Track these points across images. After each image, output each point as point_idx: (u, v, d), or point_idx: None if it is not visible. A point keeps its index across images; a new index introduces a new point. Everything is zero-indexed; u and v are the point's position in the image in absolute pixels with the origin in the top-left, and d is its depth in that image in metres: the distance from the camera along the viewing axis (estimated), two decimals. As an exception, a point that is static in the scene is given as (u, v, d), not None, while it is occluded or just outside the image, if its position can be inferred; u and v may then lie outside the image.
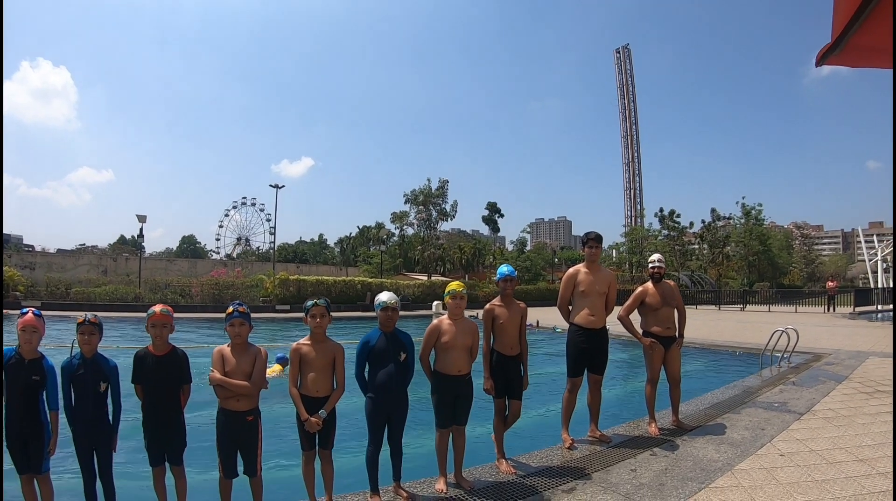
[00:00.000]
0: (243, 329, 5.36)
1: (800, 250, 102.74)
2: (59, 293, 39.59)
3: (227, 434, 5.21)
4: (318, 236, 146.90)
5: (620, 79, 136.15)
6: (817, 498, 5.65)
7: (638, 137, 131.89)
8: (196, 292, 40.58)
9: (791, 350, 14.81)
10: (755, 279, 69.61)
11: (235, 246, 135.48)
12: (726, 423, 8.57)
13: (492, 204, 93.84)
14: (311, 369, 5.43)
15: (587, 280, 7.67)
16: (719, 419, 8.85)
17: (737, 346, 19.21)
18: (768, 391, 11.00)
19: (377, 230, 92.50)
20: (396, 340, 5.74)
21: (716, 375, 14.83)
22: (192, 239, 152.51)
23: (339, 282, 45.21)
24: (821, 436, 7.76)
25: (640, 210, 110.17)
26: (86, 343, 5.17)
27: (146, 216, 46.41)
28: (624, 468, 6.63)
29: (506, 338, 6.73)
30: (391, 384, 5.61)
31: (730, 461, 6.82)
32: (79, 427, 5.12)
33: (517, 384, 6.75)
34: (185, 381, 5.42)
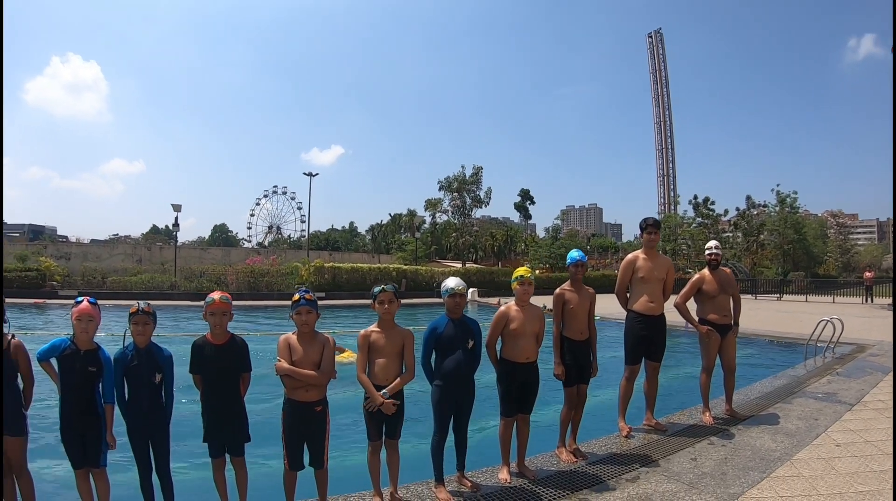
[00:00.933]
0: (311, 317, 5.19)
1: (835, 239, 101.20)
2: (95, 283, 39.52)
3: (294, 426, 5.10)
4: (349, 224, 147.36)
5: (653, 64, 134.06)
6: (878, 489, 5.61)
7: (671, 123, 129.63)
8: (231, 281, 40.42)
9: (836, 341, 14.65)
10: (790, 269, 68.60)
11: (267, 234, 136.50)
12: (779, 413, 8.51)
13: (524, 191, 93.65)
14: (380, 355, 5.36)
15: (646, 266, 7.62)
16: (771, 408, 8.79)
17: (778, 336, 19.03)
18: (816, 381, 10.91)
19: (409, 218, 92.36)
20: (465, 327, 5.65)
21: (761, 365, 14.67)
22: (223, 228, 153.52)
23: (373, 269, 45.01)
24: (875, 427, 7.71)
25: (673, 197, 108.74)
26: (140, 333, 5.05)
27: (181, 205, 46.46)
28: (684, 456, 6.63)
29: (576, 323, 6.69)
30: (459, 371, 5.53)
31: (787, 451, 6.78)
32: (134, 420, 5.03)
33: (587, 370, 6.73)
34: (245, 369, 5.31)
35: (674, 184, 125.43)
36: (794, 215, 72.46)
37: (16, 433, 4.90)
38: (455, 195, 74.42)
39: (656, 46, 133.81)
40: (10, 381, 4.95)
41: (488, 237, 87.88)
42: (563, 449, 6.65)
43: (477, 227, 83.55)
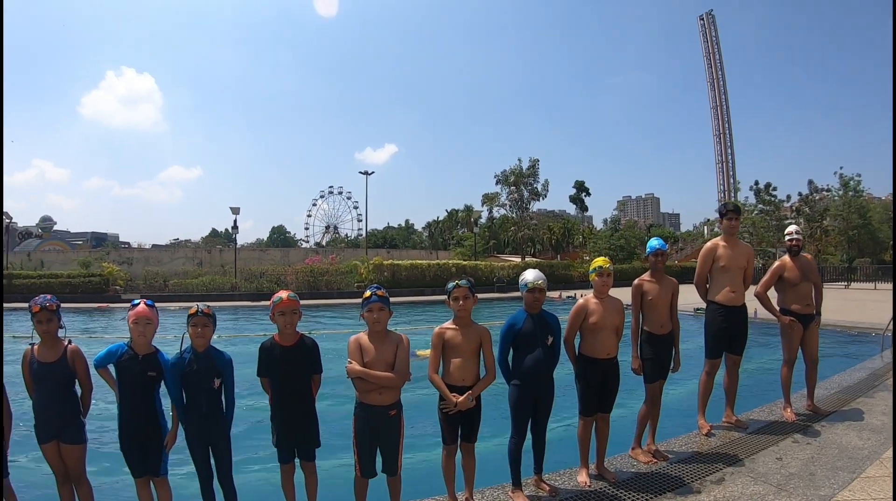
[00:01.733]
0: (383, 315, 4.93)
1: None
2: (157, 286, 40.46)
3: (367, 431, 4.86)
4: (405, 222, 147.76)
5: (706, 47, 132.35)
6: (977, 487, 5.30)
7: (728, 108, 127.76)
8: (291, 280, 40.68)
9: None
10: (855, 255, 66.49)
11: (324, 234, 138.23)
12: (862, 408, 8.18)
13: (579, 183, 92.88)
14: (456, 354, 5.07)
15: (727, 254, 7.27)
16: (853, 403, 8.45)
17: (850, 325, 18.50)
18: (895, 373, 10.48)
19: (465, 213, 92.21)
20: (544, 322, 5.35)
21: (834, 356, 14.21)
22: (281, 229, 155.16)
23: (433, 266, 44.91)
24: (964, 421, 7.31)
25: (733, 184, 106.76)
26: (199, 336, 4.88)
27: (240, 208, 46.88)
28: (769, 455, 6.32)
29: (656, 315, 6.41)
30: (539, 370, 5.23)
31: (875, 448, 6.49)
32: (193, 426, 4.88)
33: (668, 365, 6.44)
34: (315, 371, 5.09)
35: (733, 170, 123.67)
36: (858, 199, 70.05)
37: (75, 441, 4.84)
38: (512, 189, 73.62)
39: (708, 29, 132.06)
40: (69, 388, 4.87)
41: (546, 231, 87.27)
42: (639, 450, 6.39)
43: (535, 221, 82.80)
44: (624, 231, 75.07)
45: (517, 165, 72.35)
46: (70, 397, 4.88)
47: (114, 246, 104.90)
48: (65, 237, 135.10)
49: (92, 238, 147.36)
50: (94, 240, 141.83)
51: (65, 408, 4.82)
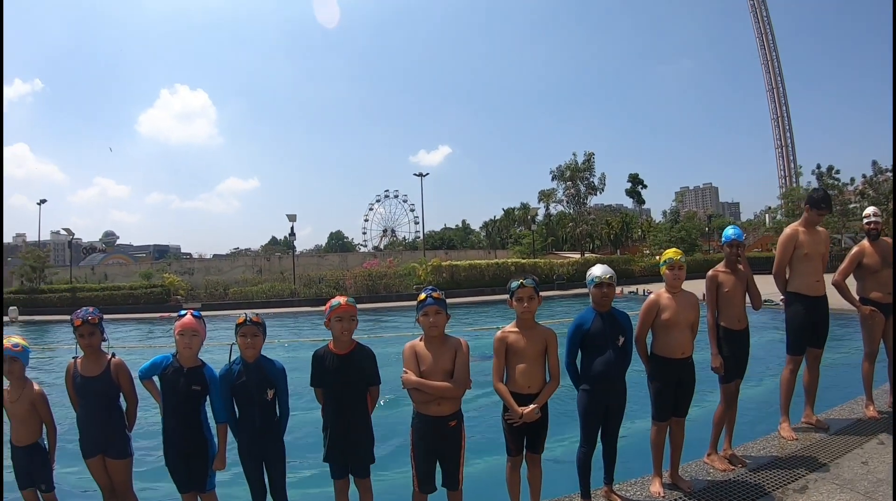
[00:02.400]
0: (439, 318, 4.61)
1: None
2: (217, 294, 41.18)
3: (425, 443, 4.61)
4: (462, 222, 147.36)
5: (757, 28, 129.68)
6: None
7: (784, 89, 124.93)
8: (349, 285, 40.91)
9: None
10: (925, 240, 64.24)
11: (382, 238, 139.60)
12: None
13: (633, 175, 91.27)
14: (520, 360, 4.75)
15: (809, 241, 6.84)
16: None
17: None
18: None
19: (522, 211, 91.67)
20: (614, 321, 5.04)
21: None
22: (339, 234, 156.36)
23: (491, 265, 44.40)
24: None
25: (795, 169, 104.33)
26: (249, 347, 4.64)
27: (296, 215, 47.59)
28: (854, 460, 5.89)
29: (733, 309, 6.04)
30: (610, 372, 4.93)
31: None
32: (245, 440, 4.68)
33: (745, 362, 6.07)
34: (372, 382, 4.80)
35: (793, 154, 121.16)
36: (926, 179, 67.66)
37: (120, 456, 4.80)
38: (568, 184, 72.74)
39: (759, 8, 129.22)
40: (113, 401, 4.80)
41: (604, 226, 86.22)
42: (715, 456, 6.00)
43: (593, 215, 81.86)
44: (684, 223, 73.58)
45: (572, 159, 71.62)
46: (115, 411, 4.80)
47: (175, 257, 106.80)
48: (128, 251, 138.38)
49: (154, 251, 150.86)
50: (157, 252, 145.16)
51: (110, 422, 4.75)
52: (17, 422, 4.75)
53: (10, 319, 35.19)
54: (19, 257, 55.77)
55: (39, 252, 51.45)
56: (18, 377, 4.77)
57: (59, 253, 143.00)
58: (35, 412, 4.80)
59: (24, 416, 4.75)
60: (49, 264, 50.82)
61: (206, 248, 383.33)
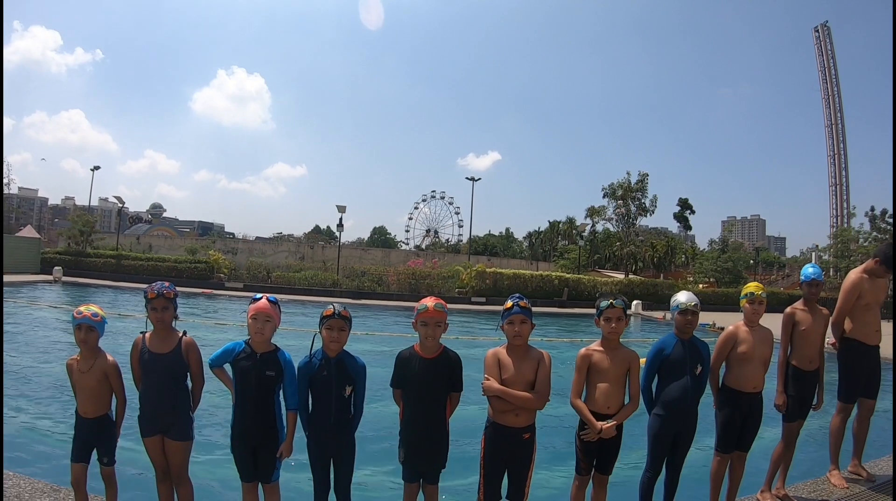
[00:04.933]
0: (525, 328, 4.52)
1: None
2: (260, 277, 41.60)
3: (497, 453, 4.52)
4: (505, 230, 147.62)
5: (821, 61, 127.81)
6: None
7: (844, 126, 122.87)
8: (392, 281, 41.31)
9: None
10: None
11: (425, 237, 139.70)
12: None
13: (683, 200, 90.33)
14: (601, 379, 4.76)
15: (873, 289, 6.65)
16: None
17: None
18: None
19: (567, 225, 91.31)
20: (695, 349, 5.08)
21: None
22: (382, 230, 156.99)
23: (535, 276, 44.14)
24: None
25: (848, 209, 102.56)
26: (334, 340, 4.52)
27: (345, 207, 47.81)
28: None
29: (807, 349, 6.01)
30: (685, 399, 4.96)
31: None
32: (317, 435, 4.59)
33: (810, 403, 6.05)
34: (454, 388, 4.68)
35: (847, 194, 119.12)
36: (984, 228, 66.12)
37: (181, 438, 4.70)
38: (619, 203, 72.27)
39: (824, 41, 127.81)
40: (180, 381, 4.71)
41: (648, 248, 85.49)
42: (768, 494, 5.90)
43: (641, 237, 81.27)
44: (732, 253, 72.63)
45: (625, 178, 71.21)
46: (181, 391, 4.71)
47: (219, 236, 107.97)
48: (173, 224, 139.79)
49: (199, 227, 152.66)
50: (201, 229, 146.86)
51: (175, 402, 4.65)
52: (86, 393, 4.64)
53: (53, 278, 36.05)
54: (68, 220, 56.62)
55: (89, 217, 52.32)
56: (92, 347, 4.65)
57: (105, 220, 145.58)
58: (107, 384, 4.69)
59: (96, 387, 4.64)
60: (96, 229, 51.44)
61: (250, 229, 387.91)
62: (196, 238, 78.63)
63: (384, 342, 17.64)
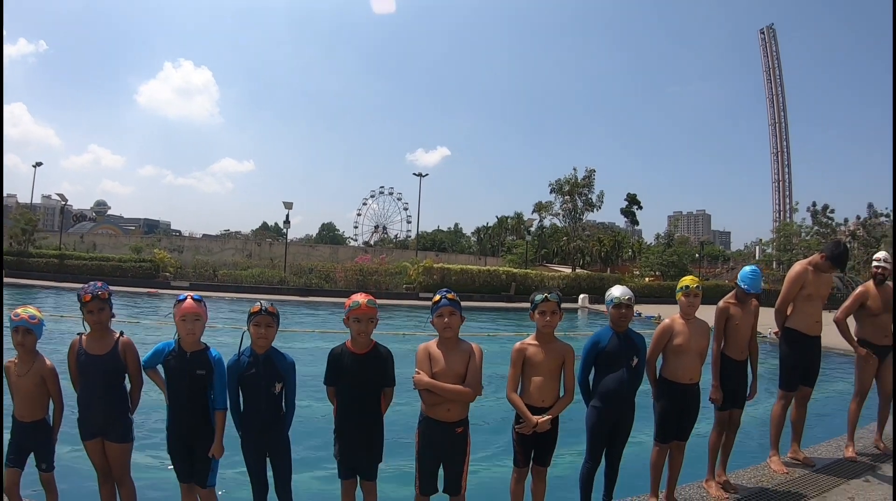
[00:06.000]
0: (454, 320, 4.55)
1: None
2: (206, 275, 41.13)
3: (430, 447, 4.58)
4: (454, 226, 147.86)
5: (766, 61, 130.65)
6: None
7: (787, 125, 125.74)
8: (340, 278, 41.12)
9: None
10: (910, 285, 64.65)
11: (373, 234, 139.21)
12: None
13: (631, 195, 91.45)
14: (536, 373, 4.80)
15: (815, 282, 6.93)
16: None
17: None
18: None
19: (515, 221, 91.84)
20: (630, 342, 5.14)
21: None
22: (331, 226, 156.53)
23: (482, 272, 44.48)
24: None
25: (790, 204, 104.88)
26: (261, 337, 4.50)
27: (292, 203, 47.53)
28: (840, 495, 6.01)
29: (738, 341, 6.09)
30: (622, 391, 5.00)
31: None
32: (249, 434, 4.58)
33: (743, 392, 6.13)
34: (387, 384, 4.68)
35: (790, 190, 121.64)
36: (917, 225, 68.18)
37: (121, 439, 4.66)
38: (566, 198, 72.69)
39: (769, 43, 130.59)
40: (118, 382, 4.67)
41: (595, 243, 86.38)
42: (712, 481, 6.04)
43: (588, 232, 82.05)
44: (677, 247, 73.78)
45: (572, 174, 71.57)
46: (118, 392, 4.66)
47: (165, 233, 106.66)
48: (118, 222, 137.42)
49: (144, 224, 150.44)
50: (147, 226, 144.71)
51: (112, 404, 4.61)
52: (22, 397, 4.60)
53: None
54: (9, 218, 55.46)
55: (31, 215, 51.24)
56: (30, 350, 4.61)
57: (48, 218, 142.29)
58: (44, 388, 4.65)
59: (33, 391, 4.60)
60: (39, 228, 50.44)
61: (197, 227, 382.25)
62: (141, 236, 77.71)
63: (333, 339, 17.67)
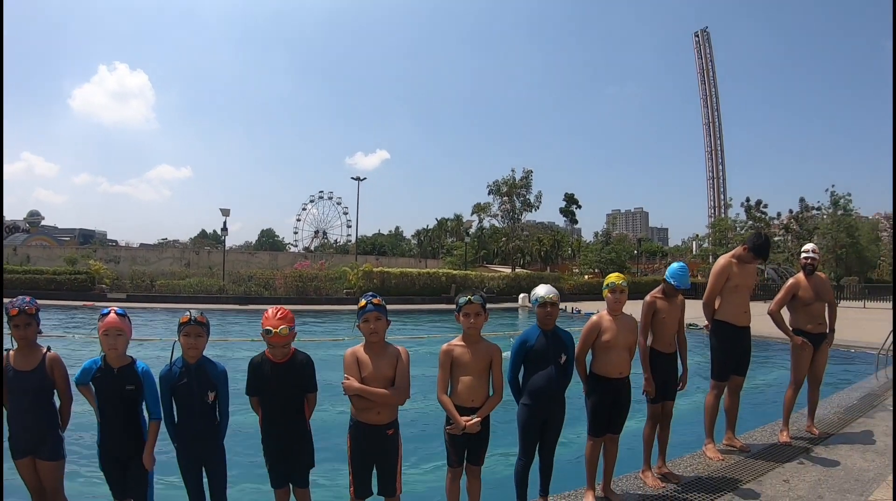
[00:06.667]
0: (380, 324, 4.60)
1: (888, 242, 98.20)
2: (143, 286, 40.19)
3: (362, 451, 4.60)
4: (395, 229, 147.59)
5: (700, 63, 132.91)
6: None
7: (720, 124, 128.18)
8: (279, 285, 40.71)
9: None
10: (842, 274, 66.93)
11: (313, 239, 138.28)
12: (864, 429, 8.11)
13: (569, 195, 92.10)
14: (464, 373, 4.85)
15: (741, 273, 7.09)
16: (853, 424, 8.37)
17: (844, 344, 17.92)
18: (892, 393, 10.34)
19: (455, 222, 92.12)
20: (557, 339, 5.20)
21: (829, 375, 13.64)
22: (270, 232, 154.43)
23: (423, 274, 44.62)
24: (966, 441, 7.21)
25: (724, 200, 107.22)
26: (191, 347, 4.49)
27: (229, 210, 46.83)
28: (776, 478, 6.18)
29: (666, 334, 6.23)
30: (550, 388, 5.09)
31: (880, 470, 6.40)
32: (184, 444, 4.55)
33: (673, 384, 6.27)
34: (310, 389, 4.73)
35: (724, 187, 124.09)
36: (847, 218, 70.43)
37: (52, 458, 4.57)
38: (505, 199, 73.15)
39: (703, 45, 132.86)
40: (47, 399, 4.59)
41: (535, 242, 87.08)
42: (648, 472, 6.16)
43: (527, 232, 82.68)
44: (615, 245, 74.80)
45: (510, 175, 72.08)
46: (47, 409, 4.58)
47: (101, 244, 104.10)
48: (52, 233, 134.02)
49: (79, 235, 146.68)
50: (82, 237, 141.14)
51: (41, 421, 4.53)
52: None
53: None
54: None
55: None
56: None
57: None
58: None
59: None
60: (-32, 241, 49.14)
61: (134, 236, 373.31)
62: (76, 247, 75.95)
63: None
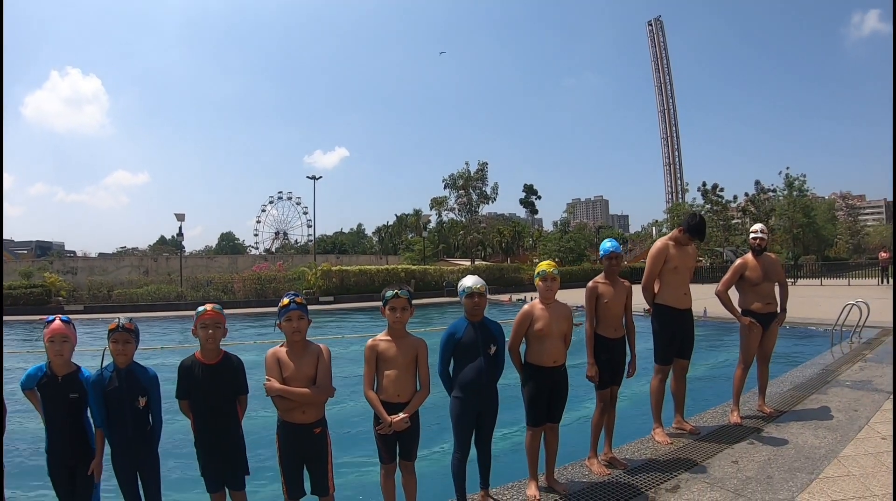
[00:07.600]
0: (302, 323, 4.58)
1: (844, 221, 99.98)
2: (101, 296, 39.60)
3: (290, 451, 4.56)
4: (357, 226, 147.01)
5: (654, 52, 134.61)
6: (938, 485, 5.15)
7: (675, 111, 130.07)
8: (238, 288, 40.44)
9: (862, 325, 14.22)
10: (800, 253, 68.09)
11: (274, 240, 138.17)
12: (815, 405, 8.09)
13: (528, 186, 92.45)
14: (390, 367, 4.81)
15: (678, 255, 7.06)
16: (806, 401, 8.35)
17: (800, 322, 18.29)
18: (847, 368, 10.50)
19: (415, 218, 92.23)
20: (486, 330, 5.13)
21: (785, 354, 14.12)
22: (230, 236, 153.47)
23: (381, 271, 44.62)
24: (920, 417, 7.19)
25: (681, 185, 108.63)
26: (120, 353, 4.47)
27: (185, 215, 46.25)
28: (724, 460, 6.18)
29: (610, 319, 6.17)
30: (481, 380, 5.03)
31: (832, 447, 6.38)
32: (117, 450, 4.48)
33: (622, 369, 6.22)
34: (241, 392, 4.73)
35: (680, 172, 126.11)
36: (802, 199, 71.71)
37: None
38: (461, 193, 73.29)
39: (656, 34, 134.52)
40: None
41: (495, 234, 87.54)
42: (594, 459, 6.14)
43: (484, 224, 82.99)
44: (574, 233, 75.49)
45: (465, 168, 72.34)
46: None
47: (58, 255, 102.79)
48: (8, 247, 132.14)
49: (36, 247, 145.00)
50: (39, 249, 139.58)
51: None
52: None
53: None
54: None
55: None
56: None
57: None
58: None
59: None
60: (-79, 260, 48.33)
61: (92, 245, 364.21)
62: (33, 260, 75.01)
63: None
